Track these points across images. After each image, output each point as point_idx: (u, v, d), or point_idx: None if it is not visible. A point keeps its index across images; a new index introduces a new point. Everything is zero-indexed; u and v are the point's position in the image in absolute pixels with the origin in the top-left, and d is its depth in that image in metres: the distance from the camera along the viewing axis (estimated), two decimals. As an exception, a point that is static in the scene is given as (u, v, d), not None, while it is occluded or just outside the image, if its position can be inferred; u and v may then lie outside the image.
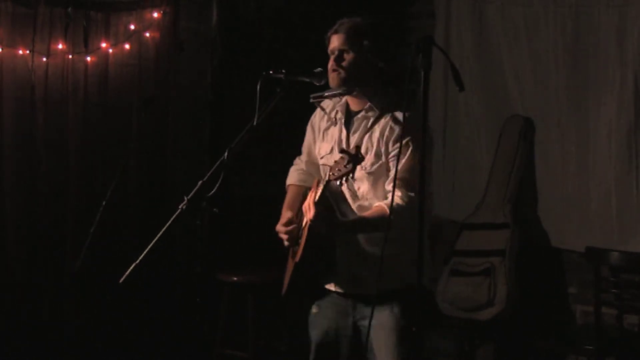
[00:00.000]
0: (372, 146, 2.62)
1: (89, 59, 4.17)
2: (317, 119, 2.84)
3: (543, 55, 4.19)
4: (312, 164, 2.90)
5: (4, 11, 3.99)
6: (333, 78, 2.65)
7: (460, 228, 4.33)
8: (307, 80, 2.68)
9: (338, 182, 2.44)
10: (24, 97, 4.06)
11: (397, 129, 2.57)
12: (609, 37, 3.93)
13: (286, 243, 2.71)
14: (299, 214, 2.77)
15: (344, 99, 2.73)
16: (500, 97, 4.39)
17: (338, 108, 2.75)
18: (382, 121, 2.62)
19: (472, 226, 4.29)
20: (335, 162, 2.45)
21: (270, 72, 2.66)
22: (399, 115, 2.59)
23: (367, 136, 2.64)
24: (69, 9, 4.07)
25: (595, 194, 4.01)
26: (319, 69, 2.68)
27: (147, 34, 4.25)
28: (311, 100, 2.75)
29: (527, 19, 4.24)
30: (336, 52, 2.66)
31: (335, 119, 2.75)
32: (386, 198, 2.56)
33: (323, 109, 2.79)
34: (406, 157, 2.54)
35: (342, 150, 2.47)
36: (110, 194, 3.68)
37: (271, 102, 2.64)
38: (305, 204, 2.54)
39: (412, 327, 2.36)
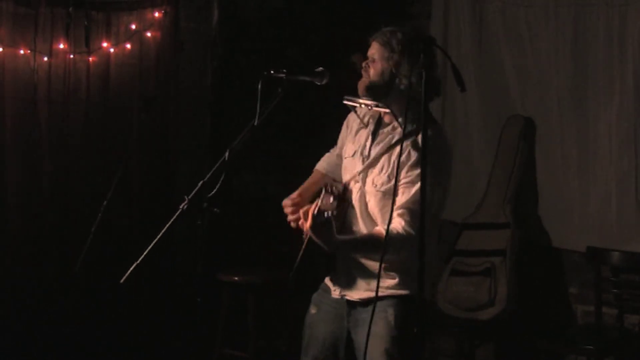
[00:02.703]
0: (388, 167, 2.60)
1: (90, 58, 4.18)
2: (352, 119, 2.84)
3: (543, 55, 4.19)
4: (342, 158, 2.89)
5: (5, 11, 3.99)
6: (360, 82, 2.66)
7: (460, 228, 4.32)
8: (309, 79, 2.68)
9: (325, 215, 2.42)
10: (25, 96, 4.07)
11: (414, 156, 2.54)
12: (609, 37, 3.93)
13: (289, 218, 2.71)
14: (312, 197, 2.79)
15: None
16: (500, 97, 4.39)
17: (371, 113, 2.74)
18: (404, 144, 2.57)
19: (472, 226, 4.29)
20: (325, 194, 2.43)
21: (271, 72, 2.65)
22: (420, 140, 2.53)
23: (386, 155, 2.63)
24: (70, 9, 4.09)
25: (595, 194, 4.01)
26: (320, 68, 2.68)
27: (148, 34, 4.26)
28: (344, 102, 2.74)
29: (527, 19, 4.24)
30: (369, 58, 2.66)
31: (367, 122, 2.75)
32: (389, 221, 2.54)
33: (356, 113, 2.79)
34: (417, 187, 2.49)
35: (327, 191, 2.44)
36: (111, 194, 3.68)
37: (272, 102, 2.64)
38: (303, 210, 2.54)
39: (413, 329, 2.38)
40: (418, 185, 2.45)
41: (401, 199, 2.53)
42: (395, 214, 2.52)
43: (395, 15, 4.83)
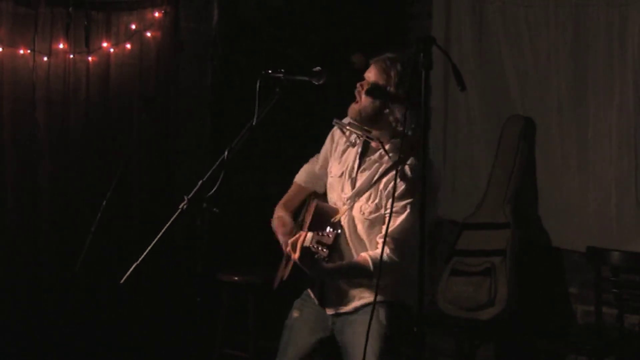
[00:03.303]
0: (376, 196, 2.62)
1: (90, 58, 4.17)
2: (338, 133, 2.84)
3: (543, 55, 4.19)
4: (325, 169, 2.89)
5: (5, 11, 3.99)
6: (351, 108, 2.67)
7: (460, 228, 4.32)
8: (306, 79, 2.68)
9: (315, 256, 2.45)
10: (25, 96, 4.06)
11: (401, 186, 2.56)
12: (609, 37, 3.93)
13: (286, 250, 2.71)
14: (296, 217, 2.82)
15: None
16: (500, 97, 4.39)
17: (358, 137, 2.75)
18: (391, 175, 2.60)
19: (472, 226, 4.29)
20: (320, 238, 2.44)
21: (269, 71, 2.66)
22: (407, 170, 2.57)
23: (374, 186, 2.64)
24: (70, 9, 4.08)
25: (595, 194, 4.01)
26: (318, 68, 2.68)
27: (148, 34, 4.26)
28: (333, 123, 2.77)
29: (528, 19, 4.24)
30: (365, 80, 2.66)
31: (355, 143, 2.75)
32: (377, 247, 2.59)
33: (344, 133, 2.79)
34: (402, 217, 2.55)
35: (317, 241, 2.44)
36: (110, 194, 3.68)
37: (270, 102, 2.64)
38: (293, 240, 2.54)
39: (403, 329, 2.39)
40: (403, 215, 2.54)
41: (384, 227, 2.54)
42: (380, 240, 2.57)
43: (395, 15, 4.84)
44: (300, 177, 2.96)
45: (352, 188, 2.67)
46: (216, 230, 4.07)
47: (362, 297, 2.66)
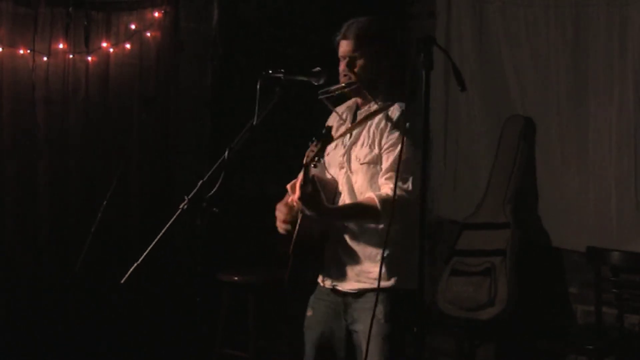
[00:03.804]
0: (368, 138, 2.64)
1: (89, 58, 4.17)
2: (331, 120, 2.85)
3: (543, 55, 4.19)
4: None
5: (4, 11, 3.99)
6: (343, 82, 2.67)
7: (460, 228, 4.33)
8: (306, 79, 2.69)
9: (313, 165, 2.45)
10: (24, 96, 4.06)
11: (389, 123, 2.59)
12: (609, 37, 3.92)
13: (278, 223, 2.71)
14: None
15: (353, 101, 2.75)
16: (500, 97, 4.39)
17: (348, 110, 2.78)
18: (381, 114, 2.64)
19: (472, 226, 4.29)
20: (311, 146, 2.46)
21: (269, 71, 2.66)
22: (397, 108, 2.60)
23: (365, 129, 2.66)
24: (70, 9, 4.08)
25: (595, 194, 4.01)
26: (317, 68, 2.68)
27: (148, 34, 4.26)
28: (319, 97, 2.74)
29: (527, 19, 4.24)
30: (347, 58, 2.67)
31: (345, 117, 2.78)
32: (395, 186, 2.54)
33: (336, 112, 2.81)
34: (397, 149, 2.51)
35: (312, 135, 2.47)
36: (110, 194, 3.67)
37: (270, 102, 2.64)
38: (290, 184, 2.55)
39: (403, 323, 2.38)
40: (397, 147, 2.49)
41: (386, 164, 2.56)
42: (382, 179, 2.56)
43: (396, 15, 4.83)
44: None
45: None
46: (216, 230, 4.06)
47: (363, 278, 2.61)
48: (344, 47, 2.68)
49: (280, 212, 2.72)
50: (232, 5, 4.54)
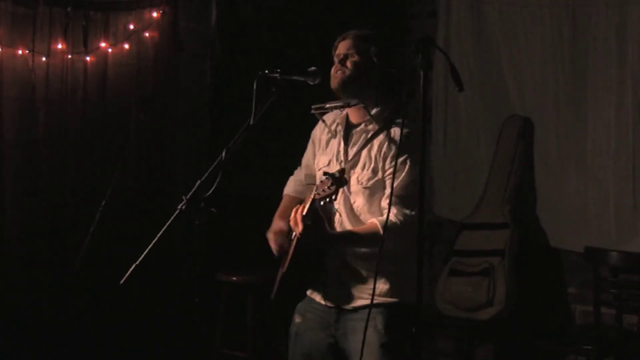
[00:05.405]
0: (370, 162, 2.60)
1: (88, 58, 4.18)
2: (318, 132, 2.83)
3: (542, 55, 4.19)
4: (311, 177, 2.87)
5: (3, 11, 4.00)
6: (335, 77, 2.64)
7: (459, 228, 4.33)
8: (302, 79, 2.68)
9: (322, 202, 2.42)
10: (23, 96, 4.07)
11: (393, 146, 2.55)
12: (608, 37, 3.92)
13: (275, 251, 2.72)
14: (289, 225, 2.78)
15: (344, 111, 2.72)
16: (499, 97, 4.39)
17: (338, 121, 2.73)
18: (381, 136, 2.60)
19: (471, 226, 4.29)
20: (321, 182, 2.43)
21: (266, 71, 2.66)
22: (397, 130, 2.56)
23: (365, 150, 2.62)
24: (69, 9, 4.09)
25: (593, 194, 4.00)
26: (313, 68, 2.68)
27: (147, 34, 4.26)
28: (312, 112, 2.74)
29: (526, 19, 4.24)
30: (341, 56, 2.66)
31: (335, 131, 2.74)
32: (381, 215, 2.55)
33: (324, 122, 2.78)
34: (403, 174, 2.52)
35: (325, 173, 2.43)
36: (109, 194, 3.67)
37: (267, 102, 2.65)
38: (292, 218, 2.53)
39: (403, 334, 2.37)
40: (404, 172, 2.52)
41: (388, 189, 2.54)
42: (385, 204, 2.53)
43: (396, 15, 4.84)
44: (289, 188, 2.96)
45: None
46: (215, 230, 4.07)
47: (365, 295, 2.60)
48: (340, 47, 2.67)
49: (274, 242, 2.73)
50: (231, 5, 4.54)
